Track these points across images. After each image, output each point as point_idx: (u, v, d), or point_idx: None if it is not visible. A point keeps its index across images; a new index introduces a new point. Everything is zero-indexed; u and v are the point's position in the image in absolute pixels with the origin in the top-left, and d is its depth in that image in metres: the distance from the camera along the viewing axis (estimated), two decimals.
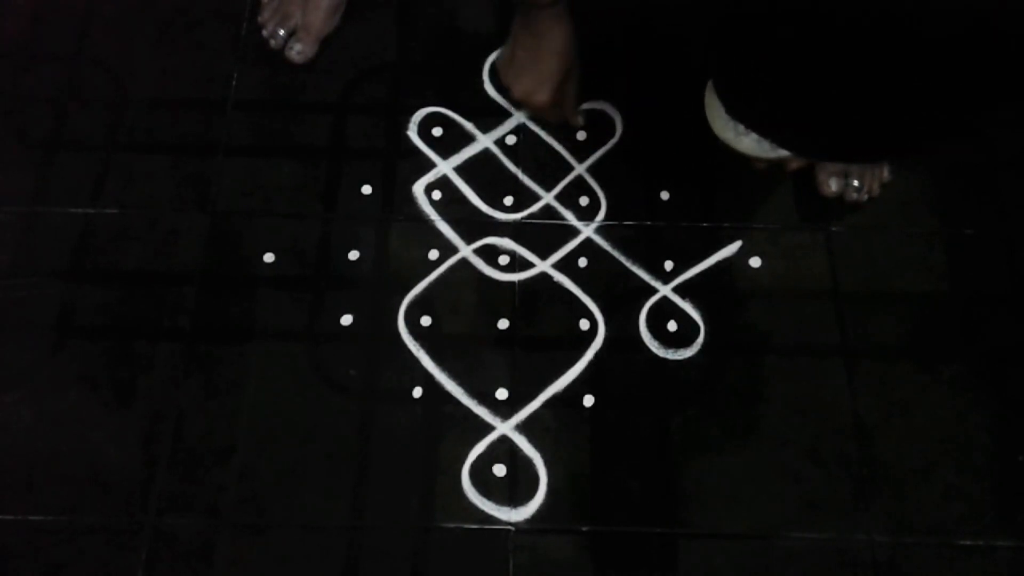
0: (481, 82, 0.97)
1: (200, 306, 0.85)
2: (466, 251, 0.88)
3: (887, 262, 0.88)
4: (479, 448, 0.79)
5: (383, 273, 0.87)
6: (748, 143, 0.84)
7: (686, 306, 0.86)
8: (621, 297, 0.86)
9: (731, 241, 0.89)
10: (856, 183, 0.89)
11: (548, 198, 0.91)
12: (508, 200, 0.90)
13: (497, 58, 0.94)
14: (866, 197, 0.90)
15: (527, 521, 0.77)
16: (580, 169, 0.92)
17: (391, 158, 0.93)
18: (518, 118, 0.94)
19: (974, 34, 0.57)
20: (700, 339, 0.84)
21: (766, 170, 0.87)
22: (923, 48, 0.59)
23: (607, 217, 0.90)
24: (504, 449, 0.79)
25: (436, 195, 0.91)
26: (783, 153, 0.84)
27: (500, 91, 0.95)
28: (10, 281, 0.86)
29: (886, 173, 0.91)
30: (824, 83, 0.64)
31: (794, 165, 0.87)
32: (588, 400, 0.81)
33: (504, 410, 0.81)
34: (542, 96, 0.87)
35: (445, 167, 0.92)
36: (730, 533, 0.76)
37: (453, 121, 0.94)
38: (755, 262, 0.88)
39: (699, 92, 0.79)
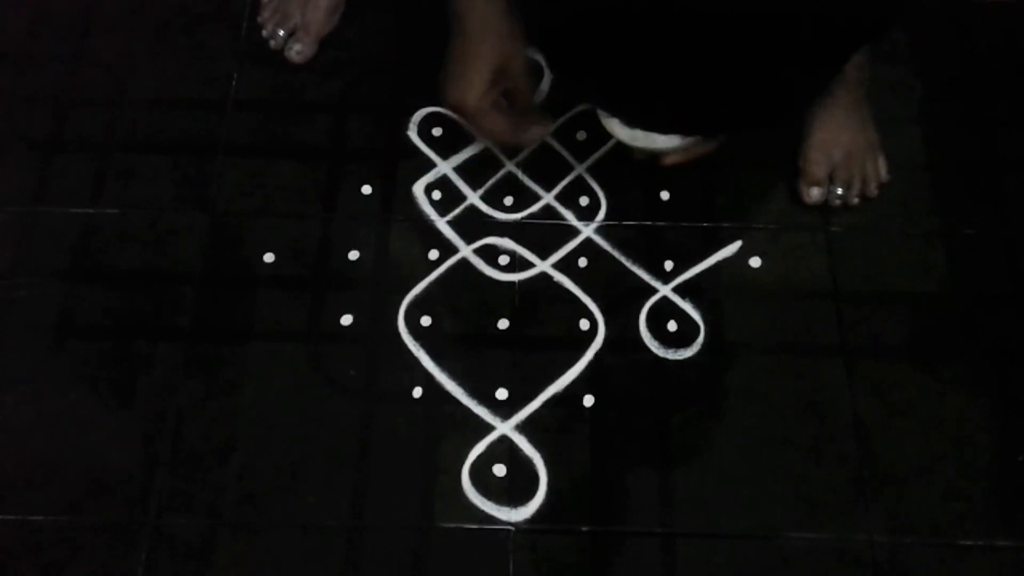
0: None
1: (200, 306, 0.85)
2: (466, 251, 0.88)
3: (887, 262, 0.88)
4: (479, 448, 0.79)
5: (383, 273, 0.87)
6: (619, 130, 0.85)
7: (686, 306, 0.86)
8: (621, 297, 0.86)
9: (731, 241, 0.89)
10: (840, 191, 0.89)
11: (548, 198, 0.91)
12: (508, 200, 0.90)
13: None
14: (856, 200, 0.89)
15: (527, 521, 0.77)
16: (580, 169, 0.92)
17: (391, 158, 0.93)
18: None
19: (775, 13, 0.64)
20: (700, 339, 0.84)
21: (645, 160, 0.89)
22: (728, 25, 0.65)
23: (607, 217, 0.90)
24: (504, 449, 0.79)
25: (436, 195, 0.91)
26: (659, 145, 0.85)
27: None
28: (10, 281, 0.86)
29: (884, 173, 0.90)
30: (642, 54, 0.69)
31: (669, 160, 0.88)
32: (588, 400, 0.81)
33: (504, 410, 0.81)
34: (471, 93, 0.73)
35: (445, 167, 0.92)
36: (730, 533, 0.76)
37: (453, 121, 0.94)
38: (755, 262, 0.88)
39: None
